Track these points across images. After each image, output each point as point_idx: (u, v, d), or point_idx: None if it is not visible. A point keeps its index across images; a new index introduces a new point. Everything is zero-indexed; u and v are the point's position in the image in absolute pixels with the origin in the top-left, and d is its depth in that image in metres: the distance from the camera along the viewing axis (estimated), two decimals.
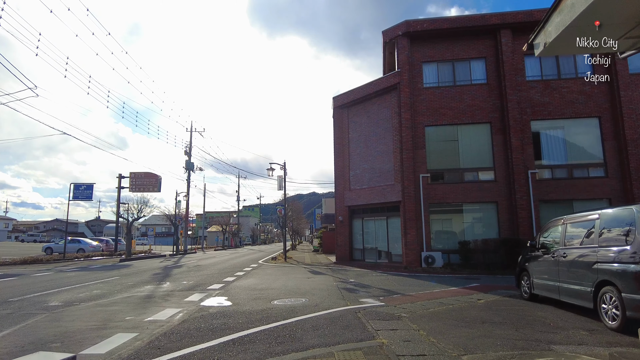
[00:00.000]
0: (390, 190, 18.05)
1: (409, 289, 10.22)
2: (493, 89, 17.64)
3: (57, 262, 22.20)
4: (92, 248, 31.53)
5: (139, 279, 12.88)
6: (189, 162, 38.47)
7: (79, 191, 25.74)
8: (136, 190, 33.09)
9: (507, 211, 16.77)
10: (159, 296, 9.14)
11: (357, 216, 20.37)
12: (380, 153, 18.89)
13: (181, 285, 11.28)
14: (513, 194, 16.52)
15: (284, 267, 17.69)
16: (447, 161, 17.73)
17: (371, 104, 19.64)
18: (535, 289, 7.92)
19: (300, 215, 55.69)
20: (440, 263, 16.21)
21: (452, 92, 17.91)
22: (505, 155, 17.04)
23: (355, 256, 20.18)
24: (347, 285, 11.10)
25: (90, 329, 5.85)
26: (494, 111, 17.47)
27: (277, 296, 8.89)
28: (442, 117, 17.76)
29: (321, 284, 11.36)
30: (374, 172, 19.09)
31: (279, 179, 22.47)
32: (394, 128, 18.20)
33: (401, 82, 17.80)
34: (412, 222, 16.79)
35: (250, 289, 10.20)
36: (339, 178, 20.80)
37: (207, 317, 6.57)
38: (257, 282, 12.01)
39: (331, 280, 12.39)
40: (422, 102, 17.97)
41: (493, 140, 17.35)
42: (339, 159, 20.88)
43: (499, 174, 17.07)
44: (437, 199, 17.28)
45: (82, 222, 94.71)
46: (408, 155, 17.25)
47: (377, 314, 6.61)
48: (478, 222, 17.31)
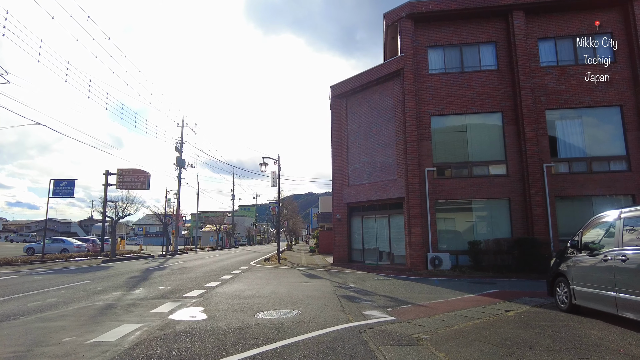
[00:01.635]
0: (392, 185, 16.58)
1: (419, 296, 8.75)
2: (504, 76, 16.21)
3: (34, 264, 20.60)
4: (77, 248, 29.87)
5: (111, 284, 11.34)
6: (179, 158, 36.86)
7: (59, 187, 24.08)
8: (124, 188, 31.44)
9: (521, 208, 15.34)
10: (122, 306, 7.61)
11: (357, 214, 18.88)
12: (382, 145, 17.40)
13: (155, 291, 9.76)
14: (527, 190, 15.09)
15: (276, 270, 16.19)
16: (455, 154, 16.27)
17: (372, 93, 18.15)
18: (578, 299, 6.47)
19: (296, 214, 54.12)
20: (448, 265, 14.76)
21: (460, 79, 16.47)
22: (518, 147, 15.61)
23: (354, 257, 18.69)
24: (347, 291, 9.62)
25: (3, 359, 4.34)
26: (505, 99, 16.04)
27: (264, 307, 7.39)
28: (449, 106, 16.31)
29: (317, 290, 9.87)
30: (375, 167, 17.61)
31: (273, 175, 20.95)
32: (397, 118, 16.73)
33: (405, 67, 16.32)
34: (416, 220, 15.32)
35: (234, 297, 8.70)
36: (336, 173, 19.30)
37: (168, 338, 5.07)
38: (243, 287, 10.50)
39: (328, 285, 10.91)
40: (428, 90, 16.51)
41: (505, 131, 15.91)
42: (337, 152, 19.38)
43: (511, 168, 15.64)
44: (444, 195, 15.83)
45: (75, 222, 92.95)
46: (412, 147, 15.78)
47: (389, 336, 5.12)
48: (488, 220, 15.86)
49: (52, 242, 30.25)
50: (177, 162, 36.77)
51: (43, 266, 19.10)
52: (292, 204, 44.78)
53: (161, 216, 35.82)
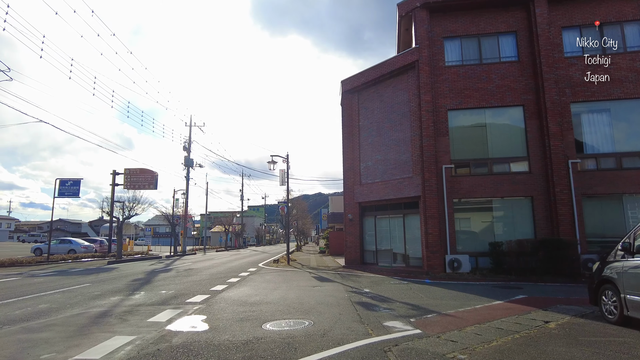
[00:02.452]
0: (407, 183, 15.77)
1: (442, 304, 7.95)
2: (526, 67, 15.30)
3: (39, 265, 20.18)
4: (84, 249, 29.55)
5: (111, 287, 10.74)
6: (188, 158, 36.44)
7: (65, 187, 23.67)
8: (131, 188, 31.09)
9: (544, 208, 14.42)
10: (117, 314, 6.96)
11: (369, 214, 18.09)
12: (396, 142, 16.59)
13: (156, 296, 9.11)
14: (551, 188, 14.16)
15: (285, 272, 15.49)
16: (474, 150, 15.41)
17: (385, 87, 17.34)
18: (631, 309, 5.63)
19: (305, 214, 53.41)
20: (468, 268, 13.91)
21: (479, 71, 15.60)
22: (541, 142, 14.69)
23: (367, 259, 17.91)
24: (363, 297, 8.86)
25: None
26: (527, 92, 15.13)
27: (272, 315, 6.68)
28: (467, 100, 15.45)
29: (329, 295, 9.13)
30: (389, 164, 16.81)
31: (282, 173, 20.26)
32: (412, 113, 15.91)
33: (420, 59, 15.51)
34: (434, 220, 14.49)
35: (240, 303, 8.00)
36: (348, 171, 18.53)
37: (162, 355, 4.38)
38: (250, 292, 9.80)
39: (341, 289, 10.16)
40: (444, 83, 15.67)
41: (527, 126, 15.00)
42: (348, 149, 18.61)
43: (534, 165, 14.72)
44: (463, 193, 14.97)
45: (86, 223, 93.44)
46: (429, 143, 14.96)
47: (420, 356, 4.35)
48: (509, 220, 14.94)
49: (59, 242, 29.98)
50: (185, 162, 36.36)
51: (47, 267, 18.66)
52: (301, 203, 44.08)
53: (169, 216, 35.38)
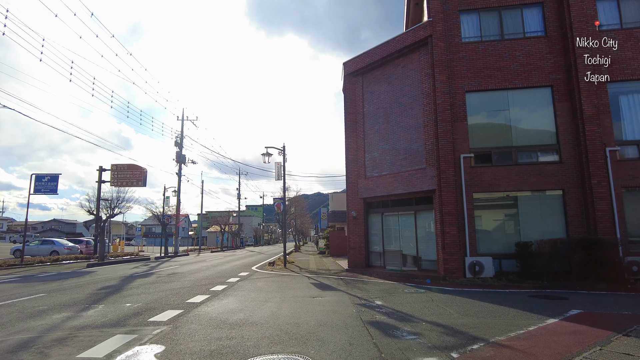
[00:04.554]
0: (420, 176, 13.87)
1: (483, 324, 6.05)
2: (554, 43, 13.41)
3: (11, 268, 18.27)
4: (68, 250, 27.66)
5: (67, 299, 8.82)
6: (179, 154, 34.55)
7: (41, 183, 21.71)
8: (118, 185, 29.11)
9: (578, 202, 12.55)
10: (42, 345, 5.05)
11: (375, 211, 16.18)
12: (406, 129, 14.68)
13: (116, 311, 7.20)
14: (587, 180, 12.29)
15: (281, 277, 13.58)
16: (496, 137, 13.51)
17: (393, 67, 15.42)
18: None
19: (304, 212, 51.43)
20: (491, 272, 12.02)
21: (500, 48, 13.70)
22: (574, 128, 12.82)
23: (373, 261, 16.00)
24: (376, 314, 6.96)
25: None
26: (556, 71, 13.24)
27: (256, 346, 4.78)
28: (487, 80, 13.56)
29: (333, 311, 7.23)
30: (398, 154, 14.90)
31: (277, 167, 18.35)
32: (425, 95, 14.02)
33: (434, 34, 13.61)
34: (451, 217, 12.60)
35: (217, 324, 6.10)
36: (351, 164, 16.61)
37: None
38: (234, 305, 7.90)
39: (347, 301, 8.27)
40: (461, 61, 13.77)
41: (556, 109, 13.12)
42: (352, 139, 16.68)
43: (565, 153, 12.84)
44: (484, 186, 13.08)
45: (81, 223, 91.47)
46: (445, 129, 13.07)
47: None
48: (537, 217, 13.02)
49: (40, 243, 28.10)
50: (176, 158, 34.47)
51: (17, 271, 16.73)
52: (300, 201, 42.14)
53: (159, 215, 33.45)
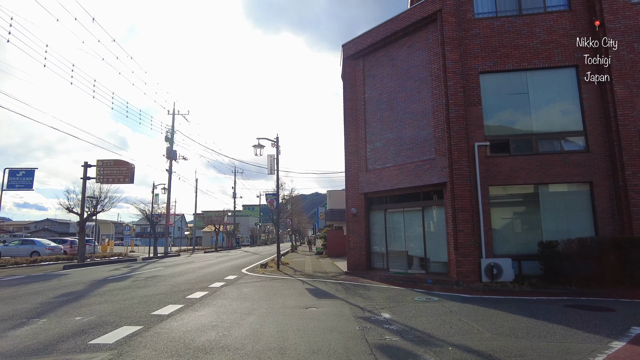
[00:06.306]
0: (428, 167, 12.35)
1: (527, 348, 4.53)
2: (579, 18, 11.94)
3: None
4: (50, 250, 26.01)
5: (8, 309, 7.25)
6: (170, 149, 32.93)
7: (15, 178, 20.15)
8: (104, 182, 27.45)
9: (608, 196, 11.07)
10: None
11: (378, 207, 14.65)
12: (413, 115, 13.17)
13: (57, 327, 5.66)
14: (619, 171, 10.81)
15: (272, 281, 12.05)
16: (514, 123, 12.03)
17: (398, 47, 13.89)
18: None
19: (301, 210, 49.84)
20: (511, 276, 10.51)
21: (518, 25, 12.21)
22: (602, 112, 11.35)
23: (375, 263, 14.48)
24: (385, 332, 5.43)
25: None
26: (582, 49, 11.73)
27: None
28: (503, 60, 12.07)
29: (330, 327, 5.70)
30: (403, 144, 13.38)
31: (270, 160, 16.79)
32: (434, 77, 12.51)
33: (444, 8, 12.11)
34: (465, 213, 11.10)
35: (175, 352, 4.56)
36: (351, 155, 15.08)
37: None
38: (209, 319, 6.36)
39: (348, 314, 6.74)
40: (474, 39, 12.28)
41: (582, 92, 11.64)
42: (351, 129, 15.15)
43: (593, 141, 11.36)
44: (501, 179, 11.58)
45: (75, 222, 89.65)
46: (458, 115, 11.57)
47: None
48: (561, 213, 11.53)
49: (20, 243, 26.45)
50: (167, 154, 32.84)
51: None
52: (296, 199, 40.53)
53: (148, 214, 31.86)
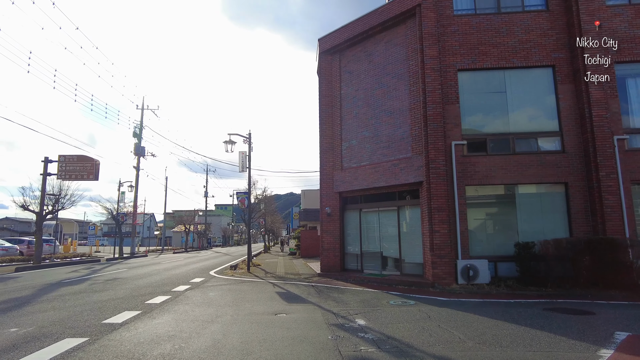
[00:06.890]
0: (405, 166, 12.01)
1: (509, 358, 4.15)
2: (557, 18, 11.90)
3: None
4: (4, 251, 24.26)
5: None
6: (138, 145, 31.54)
7: None
8: (66, 178, 25.93)
9: (583, 197, 11.04)
10: None
11: (353, 207, 14.23)
12: (390, 112, 12.81)
13: None
14: (593, 172, 10.78)
15: (241, 284, 11.39)
16: (492, 122, 11.85)
17: (375, 43, 13.51)
18: None
19: (275, 210, 49.04)
20: (487, 278, 10.29)
21: (496, 23, 12.06)
22: (578, 113, 11.32)
23: (349, 265, 14.04)
24: (360, 344, 4.94)
25: None
26: (559, 49, 11.71)
27: None
28: (482, 58, 11.88)
29: (301, 339, 5.16)
30: (380, 142, 13.00)
31: (242, 156, 16.07)
32: (412, 74, 12.18)
33: (423, 3, 11.81)
34: (442, 213, 10.80)
35: None
36: (326, 153, 14.58)
37: None
38: (165, 330, 5.69)
39: (320, 321, 6.22)
40: (453, 36, 12.04)
41: (558, 91, 11.59)
42: (327, 126, 14.66)
43: (569, 141, 11.31)
44: (478, 178, 11.36)
45: None
46: (435, 112, 11.27)
47: None
48: (537, 214, 11.42)
49: None
50: (135, 150, 31.44)
51: None
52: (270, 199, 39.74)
53: (113, 213, 30.38)
